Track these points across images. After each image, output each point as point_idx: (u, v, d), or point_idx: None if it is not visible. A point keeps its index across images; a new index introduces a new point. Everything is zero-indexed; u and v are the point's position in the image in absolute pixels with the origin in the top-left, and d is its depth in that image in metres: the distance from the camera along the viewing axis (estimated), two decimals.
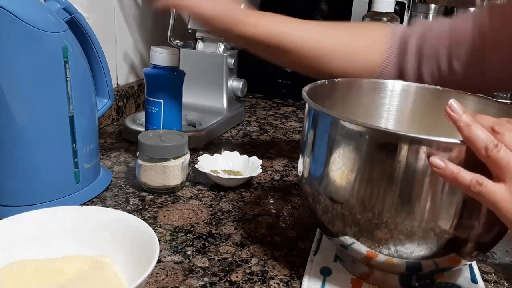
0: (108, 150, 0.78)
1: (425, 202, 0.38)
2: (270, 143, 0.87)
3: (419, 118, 0.55)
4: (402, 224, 0.39)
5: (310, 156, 0.45)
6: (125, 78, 0.98)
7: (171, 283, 0.46)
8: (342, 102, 0.55)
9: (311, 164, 0.45)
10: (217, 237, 0.55)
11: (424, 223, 0.39)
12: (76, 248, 0.46)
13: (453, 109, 0.37)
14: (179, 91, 0.73)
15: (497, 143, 0.35)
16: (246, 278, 0.48)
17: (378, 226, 0.40)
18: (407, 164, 0.38)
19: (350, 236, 0.43)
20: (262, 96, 1.19)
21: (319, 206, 0.45)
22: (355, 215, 0.41)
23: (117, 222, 0.47)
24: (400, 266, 0.43)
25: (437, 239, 0.40)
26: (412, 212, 0.39)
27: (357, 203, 0.41)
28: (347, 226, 0.42)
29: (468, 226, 0.39)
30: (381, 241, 0.41)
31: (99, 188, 0.63)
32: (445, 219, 0.39)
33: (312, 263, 0.50)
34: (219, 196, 0.65)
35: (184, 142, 0.64)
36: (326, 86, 0.53)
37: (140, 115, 0.88)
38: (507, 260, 0.54)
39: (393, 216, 0.39)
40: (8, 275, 0.42)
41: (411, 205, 0.39)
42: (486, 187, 0.35)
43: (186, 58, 0.90)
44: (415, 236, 0.40)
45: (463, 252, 0.42)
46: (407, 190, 0.38)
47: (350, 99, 0.56)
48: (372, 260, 0.44)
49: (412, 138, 0.37)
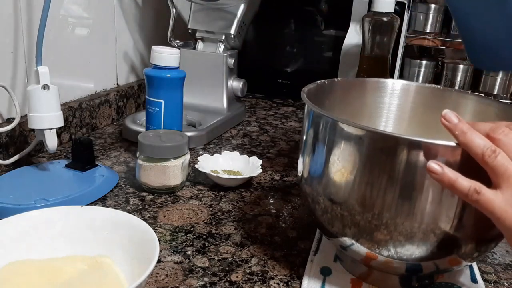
0: (108, 150, 0.78)
1: (425, 204, 0.38)
2: (270, 143, 0.87)
3: (419, 117, 0.55)
4: (402, 225, 0.39)
5: (310, 156, 0.45)
6: (125, 78, 0.98)
7: (171, 283, 0.46)
8: (342, 102, 0.55)
9: (311, 165, 0.45)
10: (217, 237, 0.55)
11: (424, 225, 0.39)
12: (76, 248, 0.46)
13: (447, 118, 0.37)
14: (180, 91, 0.73)
15: (495, 148, 0.35)
16: (246, 278, 0.48)
17: (378, 228, 0.40)
18: (406, 166, 0.38)
19: (350, 237, 0.43)
20: (262, 96, 1.19)
21: (318, 206, 0.45)
22: (354, 216, 0.41)
23: (117, 222, 0.47)
24: (400, 267, 0.43)
25: (437, 240, 0.39)
26: (412, 213, 0.39)
27: (356, 204, 0.41)
28: (347, 227, 0.42)
29: (469, 227, 0.39)
30: (380, 242, 0.41)
31: (106, 189, 0.64)
32: (445, 221, 0.39)
33: (312, 263, 0.50)
34: (219, 196, 0.65)
35: (184, 142, 0.64)
36: (326, 86, 0.53)
37: (140, 115, 0.88)
38: (507, 260, 0.54)
39: (392, 217, 0.39)
40: (8, 275, 0.42)
41: (411, 207, 0.38)
42: (484, 196, 0.35)
43: (186, 58, 0.90)
44: (415, 238, 0.39)
45: (464, 253, 0.42)
46: (407, 191, 0.38)
47: (350, 98, 0.56)
48: (371, 261, 0.44)
49: (410, 141, 0.37)
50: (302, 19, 1.14)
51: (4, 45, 0.68)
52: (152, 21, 1.03)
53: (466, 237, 0.40)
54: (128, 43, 0.97)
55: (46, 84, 0.60)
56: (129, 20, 0.96)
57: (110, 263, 0.44)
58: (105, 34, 0.90)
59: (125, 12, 0.94)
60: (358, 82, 0.57)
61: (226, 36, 0.91)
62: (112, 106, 0.91)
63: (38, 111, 0.61)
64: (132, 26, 0.97)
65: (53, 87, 0.61)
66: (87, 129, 0.85)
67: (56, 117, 0.62)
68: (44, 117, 0.61)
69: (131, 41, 0.98)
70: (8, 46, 0.68)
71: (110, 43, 0.92)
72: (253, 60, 1.18)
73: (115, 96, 0.91)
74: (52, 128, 0.62)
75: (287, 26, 1.15)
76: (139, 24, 0.99)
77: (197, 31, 0.93)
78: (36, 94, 0.60)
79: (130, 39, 0.97)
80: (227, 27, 0.91)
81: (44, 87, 0.60)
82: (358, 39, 0.99)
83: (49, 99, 0.61)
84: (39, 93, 0.60)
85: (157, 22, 1.04)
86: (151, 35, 1.03)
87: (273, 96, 1.19)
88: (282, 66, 1.18)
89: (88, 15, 0.85)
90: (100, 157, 0.75)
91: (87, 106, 0.84)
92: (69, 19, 0.80)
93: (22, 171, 0.65)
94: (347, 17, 1.03)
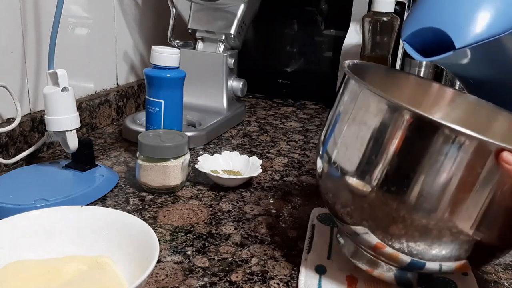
0: (108, 150, 0.78)
1: (451, 199, 0.37)
2: (270, 143, 0.87)
3: None
4: (420, 220, 0.38)
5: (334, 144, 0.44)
6: (125, 78, 0.98)
7: (171, 283, 0.46)
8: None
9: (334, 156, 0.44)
10: (217, 237, 0.55)
11: (442, 222, 0.38)
12: (76, 248, 0.46)
13: (507, 161, 0.36)
14: (180, 91, 0.73)
15: None
16: (246, 278, 0.48)
17: (396, 221, 0.39)
18: (442, 157, 0.36)
19: (365, 227, 0.42)
20: (262, 96, 1.19)
21: (338, 200, 0.44)
22: (374, 209, 0.40)
23: (117, 222, 0.47)
24: (403, 261, 0.43)
25: (452, 240, 0.39)
26: (435, 209, 0.38)
27: (379, 197, 0.40)
28: (364, 220, 0.42)
29: (489, 231, 0.39)
30: (395, 235, 0.40)
31: (106, 188, 0.64)
32: (467, 221, 0.38)
33: (306, 262, 0.50)
34: (219, 196, 0.65)
35: (184, 142, 0.65)
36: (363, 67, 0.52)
37: (140, 115, 0.88)
38: (507, 260, 0.54)
39: (413, 211, 0.38)
40: (8, 275, 0.42)
41: (435, 202, 0.38)
42: None
43: (186, 58, 0.90)
44: (431, 235, 0.39)
45: (476, 259, 0.41)
46: (435, 185, 0.37)
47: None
48: (378, 250, 0.43)
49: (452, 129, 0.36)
50: (302, 19, 1.14)
51: (4, 45, 0.68)
52: (152, 21, 1.03)
53: (484, 241, 0.39)
54: (128, 43, 0.97)
55: (65, 87, 0.61)
56: (129, 20, 0.96)
57: (110, 263, 0.44)
58: (105, 34, 0.90)
59: (125, 12, 0.94)
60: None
61: (226, 36, 0.91)
62: (112, 106, 0.91)
63: (58, 113, 0.61)
64: (132, 26, 0.97)
65: (71, 88, 0.62)
66: (87, 129, 0.85)
67: (75, 118, 0.63)
68: (65, 119, 0.62)
69: (131, 41, 0.98)
70: (8, 46, 0.68)
71: (110, 43, 0.92)
72: (253, 60, 1.18)
73: (115, 96, 0.91)
74: (73, 129, 0.63)
75: (287, 26, 1.15)
76: (139, 24, 0.99)
77: (197, 31, 0.93)
78: (55, 97, 0.61)
79: (130, 39, 0.97)
80: (227, 27, 0.91)
81: (63, 90, 0.61)
82: (358, 39, 0.99)
83: (68, 101, 0.62)
84: (58, 95, 0.61)
85: (157, 22, 1.04)
86: (151, 35, 1.03)
87: (273, 96, 1.19)
88: (282, 66, 1.18)
89: (88, 15, 0.85)
90: (100, 157, 0.75)
91: (87, 106, 0.84)
92: (69, 19, 0.80)
93: (22, 171, 0.65)
94: (347, 17, 1.03)
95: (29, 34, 0.71)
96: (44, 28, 0.73)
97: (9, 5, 0.67)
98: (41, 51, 0.74)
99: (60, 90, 0.60)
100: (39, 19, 0.72)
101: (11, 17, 0.68)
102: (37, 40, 0.73)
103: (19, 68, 0.71)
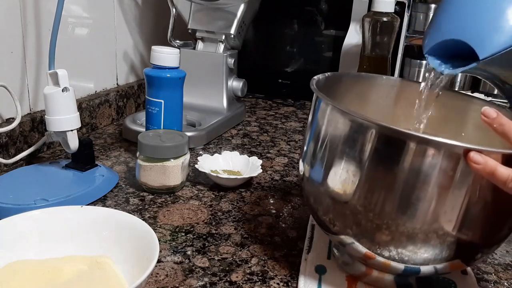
0: (108, 150, 0.78)
1: (429, 204, 0.38)
2: (270, 143, 0.87)
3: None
4: (404, 226, 0.39)
5: (312, 154, 0.45)
6: (125, 78, 0.98)
7: (171, 283, 0.46)
8: (345, 97, 0.54)
9: (313, 163, 0.45)
10: (217, 237, 0.55)
11: (426, 226, 0.38)
12: (76, 248, 0.46)
13: (486, 114, 0.38)
14: (180, 91, 0.73)
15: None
16: (246, 278, 0.48)
17: (380, 228, 0.40)
18: (413, 164, 0.37)
19: (350, 236, 0.43)
20: (262, 96, 1.19)
21: (320, 207, 0.44)
22: (357, 216, 0.41)
23: (117, 222, 0.47)
24: (397, 269, 0.43)
25: (439, 243, 0.39)
26: (415, 214, 0.38)
27: (358, 204, 0.40)
28: (348, 227, 0.42)
29: (473, 229, 0.39)
30: (381, 243, 0.41)
31: (106, 188, 0.64)
32: (448, 222, 0.38)
33: (306, 262, 0.50)
34: (219, 196, 0.65)
35: (184, 142, 0.64)
36: (334, 78, 0.52)
37: (140, 115, 0.88)
38: (507, 260, 0.54)
39: (394, 218, 0.39)
40: (8, 275, 0.42)
41: (415, 208, 0.38)
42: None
43: (186, 58, 0.90)
44: (417, 240, 0.39)
45: (466, 257, 0.41)
46: (412, 191, 0.38)
47: (353, 93, 0.55)
48: (369, 260, 0.44)
49: (420, 138, 0.37)
50: (302, 19, 1.14)
51: (4, 45, 0.68)
52: (152, 21, 1.03)
53: (469, 240, 0.40)
54: (128, 43, 0.97)
55: (66, 87, 0.61)
56: (129, 20, 0.96)
57: (110, 263, 0.44)
58: (105, 34, 0.90)
59: (125, 12, 0.94)
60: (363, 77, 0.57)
61: (226, 36, 0.91)
62: (112, 106, 0.91)
63: (59, 113, 0.61)
64: (132, 26, 0.97)
65: (71, 88, 0.62)
66: (87, 129, 0.85)
67: (76, 118, 0.63)
68: (65, 119, 0.62)
69: (131, 41, 0.98)
70: (8, 46, 0.68)
71: (110, 43, 0.92)
72: (253, 60, 1.18)
73: (115, 96, 0.91)
74: (73, 129, 0.63)
75: (287, 26, 1.15)
76: (139, 24, 0.99)
77: (197, 31, 0.93)
78: (56, 97, 0.61)
79: (130, 39, 0.97)
80: (227, 27, 0.91)
81: (63, 90, 0.61)
82: (358, 39, 0.99)
83: (69, 101, 0.62)
84: (59, 95, 0.61)
85: (157, 22, 1.04)
86: (151, 35, 1.03)
87: (273, 96, 1.19)
88: (282, 66, 1.18)
89: (88, 15, 0.85)
90: (100, 157, 0.75)
91: (87, 106, 0.84)
92: (69, 19, 0.80)
93: (22, 171, 0.65)
94: (347, 17, 1.03)
95: (29, 34, 0.71)
96: (44, 28, 0.73)
97: (9, 5, 0.67)
98: (41, 51, 0.74)
99: (61, 90, 0.61)
100: (39, 19, 0.72)
101: (11, 17, 0.68)
102: (37, 40, 0.73)
103: (19, 68, 0.71)
